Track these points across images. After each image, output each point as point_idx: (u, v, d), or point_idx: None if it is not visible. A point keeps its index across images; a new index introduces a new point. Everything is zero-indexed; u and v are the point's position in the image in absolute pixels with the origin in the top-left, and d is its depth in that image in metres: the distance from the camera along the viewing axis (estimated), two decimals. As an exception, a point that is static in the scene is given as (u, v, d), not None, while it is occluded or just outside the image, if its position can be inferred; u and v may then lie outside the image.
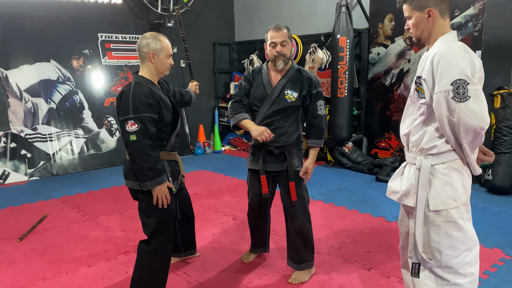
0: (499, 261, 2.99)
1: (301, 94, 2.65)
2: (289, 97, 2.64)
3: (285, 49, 2.62)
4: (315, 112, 2.69)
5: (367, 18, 5.85)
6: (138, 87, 2.27)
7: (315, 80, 2.69)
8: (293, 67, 2.71)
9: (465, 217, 1.81)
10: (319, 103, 2.68)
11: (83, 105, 5.98)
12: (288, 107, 2.65)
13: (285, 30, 2.63)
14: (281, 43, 2.60)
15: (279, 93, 2.65)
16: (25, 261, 3.11)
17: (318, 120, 2.69)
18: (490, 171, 4.54)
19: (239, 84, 2.82)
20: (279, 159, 2.71)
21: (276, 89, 2.66)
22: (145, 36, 2.36)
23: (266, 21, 7.21)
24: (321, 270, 2.90)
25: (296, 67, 2.72)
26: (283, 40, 2.60)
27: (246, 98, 2.77)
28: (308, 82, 2.67)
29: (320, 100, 2.69)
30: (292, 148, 2.71)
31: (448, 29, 1.81)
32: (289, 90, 2.65)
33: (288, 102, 2.64)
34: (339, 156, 5.76)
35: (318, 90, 2.69)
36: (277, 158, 2.72)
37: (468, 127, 1.64)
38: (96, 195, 4.72)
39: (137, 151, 2.21)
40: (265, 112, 2.69)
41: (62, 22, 5.82)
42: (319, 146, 2.74)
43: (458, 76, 1.64)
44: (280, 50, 2.60)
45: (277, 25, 2.64)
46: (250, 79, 2.78)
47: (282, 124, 2.67)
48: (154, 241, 2.35)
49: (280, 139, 2.67)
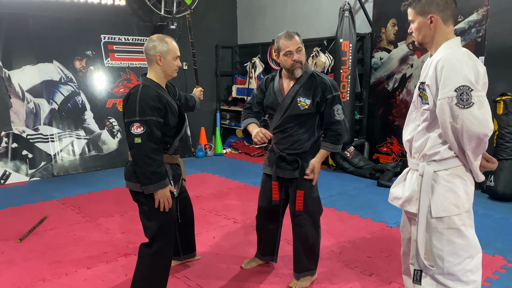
0: (501, 268, 2.98)
1: (314, 101, 2.56)
2: (302, 104, 2.56)
3: (301, 55, 2.56)
4: (333, 118, 2.57)
5: (370, 23, 5.85)
6: (145, 90, 2.27)
7: (330, 84, 2.58)
8: (307, 72, 2.61)
9: (467, 224, 1.80)
10: (336, 108, 2.56)
11: (85, 106, 5.98)
12: (302, 115, 2.58)
13: (296, 36, 2.55)
14: (297, 51, 2.54)
15: (291, 100, 2.59)
16: (24, 262, 3.11)
17: (336, 125, 2.57)
18: (492, 177, 4.52)
19: (253, 92, 2.81)
20: (292, 166, 2.65)
21: (288, 96, 2.60)
22: (151, 39, 2.36)
23: (269, 24, 7.22)
24: (322, 275, 2.88)
25: (310, 72, 2.62)
26: (298, 47, 2.54)
27: (257, 106, 2.76)
28: (322, 87, 2.56)
29: (337, 104, 2.57)
30: (307, 156, 2.63)
31: (452, 35, 1.80)
32: (302, 97, 2.56)
33: (301, 109, 2.57)
34: (341, 160, 5.75)
35: (335, 94, 2.57)
36: (290, 165, 2.66)
37: (471, 134, 1.63)
38: (96, 197, 4.71)
39: (141, 154, 2.21)
40: (278, 120, 2.64)
41: (65, 23, 5.83)
42: (332, 150, 2.61)
43: (462, 82, 1.63)
44: (296, 58, 2.54)
45: (288, 32, 2.55)
46: (263, 88, 2.77)
47: (296, 131, 2.61)
48: (155, 244, 2.34)
49: (293, 146, 2.62)
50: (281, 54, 2.57)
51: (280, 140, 2.67)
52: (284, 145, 2.65)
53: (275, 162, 2.69)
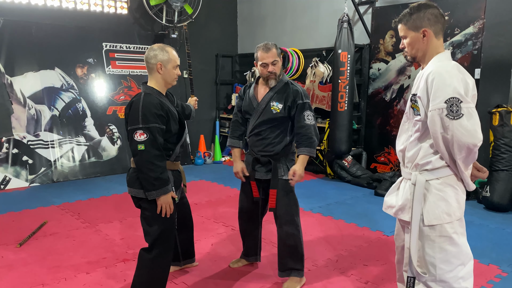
0: (495, 277, 3.01)
1: (285, 105, 2.73)
2: (274, 108, 2.74)
3: (276, 67, 2.73)
4: (302, 122, 2.72)
5: (368, 34, 5.93)
6: (148, 98, 2.32)
7: (302, 92, 2.75)
8: (282, 81, 2.80)
9: (459, 232, 1.85)
10: (306, 113, 2.72)
11: (85, 113, 6.04)
12: (274, 118, 2.76)
13: (274, 49, 2.71)
14: (272, 63, 2.71)
15: (265, 105, 2.77)
16: (24, 267, 3.13)
17: (306, 129, 2.72)
18: (488, 188, 4.56)
19: (236, 101, 2.99)
20: (266, 167, 2.83)
21: (263, 101, 2.78)
22: (152, 48, 2.42)
23: (269, 34, 7.31)
24: (318, 283, 2.92)
25: (285, 81, 2.81)
26: (273, 60, 2.71)
27: (239, 115, 2.98)
28: (294, 93, 2.74)
29: (307, 110, 2.73)
30: (280, 158, 2.80)
31: (441, 48, 1.87)
32: (275, 102, 2.75)
33: (274, 113, 2.75)
34: (339, 169, 5.79)
35: (306, 101, 2.74)
36: (264, 167, 2.83)
37: (461, 144, 1.69)
38: (96, 203, 4.74)
39: (144, 160, 2.26)
40: (253, 123, 2.84)
41: (67, 30, 5.91)
42: (309, 154, 2.73)
43: (451, 94, 1.69)
44: (271, 69, 2.72)
45: (266, 44, 2.72)
46: (241, 95, 2.99)
47: (269, 134, 2.79)
48: (155, 250, 2.38)
49: (266, 148, 2.80)
50: (258, 64, 2.75)
51: (254, 142, 2.85)
52: (258, 148, 2.83)
53: (251, 164, 2.87)
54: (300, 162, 2.73)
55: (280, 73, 2.78)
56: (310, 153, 2.73)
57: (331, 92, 5.77)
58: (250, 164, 2.88)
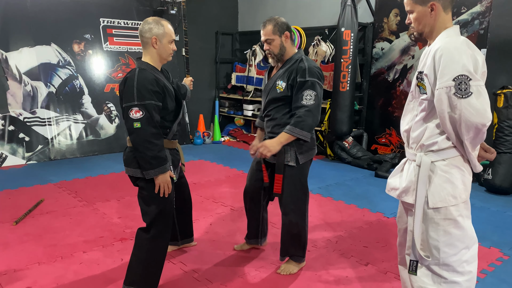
0: (497, 260, 2.99)
1: (288, 84, 2.55)
2: (279, 88, 2.59)
3: (271, 46, 2.57)
4: (299, 102, 2.47)
5: (372, 12, 5.79)
6: (142, 74, 2.24)
7: (307, 69, 2.49)
8: (293, 58, 2.59)
9: (464, 214, 1.79)
10: (306, 93, 2.46)
11: (83, 90, 5.94)
12: (279, 98, 2.60)
13: (270, 25, 2.55)
14: (266, 41, 2.59)
15: (272, 84, 2.64)
16: (20, 245, 3.10)
17: (300, 109, 2.47)
18: (490, 170, 4.52)
19: None
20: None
21: (271, 80, 2.66)
22: (147, 21, 2.32)
23: (270, 11, 7.14)
24: (318, 264, 2.89)
25: (297, 58, 2.59)
26: (267, 38, 2.57)
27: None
28: (298, 70, 2.51)
29: (308, 90, 2.46)
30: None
31: (450, 23, 1.77)
32: (280, 81, 2.59)
33: (278, 92, 2.60)
34: (339, 150, 5.74)
35: (309, 79, 2.47)
36: None
37: (469, 124, 1.62)
38: (93, 181, 4.70)
39: (141, 139, 2.19)
40: (264, 103, 2.73)
41: (64, 5, 5.75)
42: (290, 133, 2.46)
43: (460, 71, 1.61)
44: (266, 48, 2.61)
45: (265, 20, 2.60)
46: (265, 75, 2.86)
47: (275, 114, 2.65)
48: (153, 229, 2.34)
49: (274, 129, 2.65)
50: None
51: (266, 123, 2.75)
52: (268, 129, 2.72)
53: None
54: (277, 137, 2.49)
55: (281, 51, 2.58)
56: (293, 132, 2.45)
57: (333, 72, 5.67)
58: None
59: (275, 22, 2.56)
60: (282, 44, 2.58)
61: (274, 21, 2.57)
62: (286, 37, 2.58)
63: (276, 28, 2.56)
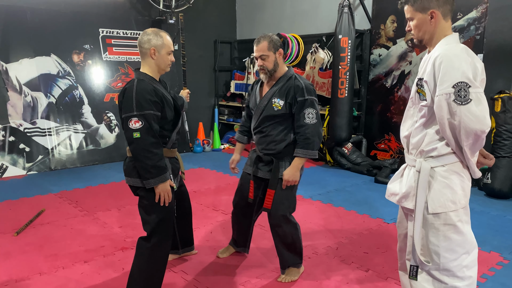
0: (497, 265, 2.99)
1: (286, 102, 2.58)
2: (276, 105, 2.61)
3: (265, 62, 2.59)
4: (302, 121, 2.55)
5: (369, 19, 5.84)
6: (141, 84, 2.26)
7: (304, 87, 2.56)
8: (286, 75, 2.64)
9: (464, 220, 1.81)
10: (307, 111, 2.54)
11: (82, 100, 5.96)
12: (276, 115, 2.62)
13: (265, 41, 2.57)
14: (261, 57, 2.60)
15: (267, 101, 2.65)
16: (21, 255, 3.10)
17: (305, 129, 2.55)
18: (489, 175, 4.53)
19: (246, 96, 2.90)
20: (268, 166, 2.71)
21: (265, 98, 2.66)
22: (146, 32, 2.35)
23: (268, 20, 7.20)
24: (319, 271, 2.89)
25: (290, 75, 2.64)
26: (261, 54, 2.58)
27: (247, 110, 2.90)
28: (295, 89, 2.57)
29: (309, 108, 2.55)
30: (284, 156, 2.66)
31: (450, 31, 1.80)
32: (276, 99, 2.61)
33: (275, 110, 2.61)
34: (338, 156, 5.75)
35: (307, 97, 2.55)
36: (267, 165, 2.72)
37: (469, 130, 1.64)
38: (94, 191, 4.70)
39: (140, 148, 2.20)
40: (256, 121, 2.73)
41: (63, 16, 5.80)
42: (303, 156, 2.57)
43: (460, 78, 1.63)
44: (259, 63, 2.62)
45: (259, 37, 2.61)
46: (249, 91, 2.90)
47: (271, 131, 2.66)
48: (154, 238, 2.34)
49: (269, 146, 2.68)
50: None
51: (258, 140, 2.75)
52: (261, 145, 2.72)
53: (254, 162, 2.78)
54: (293, 165, 2.59)
55: (275, 68, 2.61)
56: (305, 154, 2.57)
57: (331, 79, 5.70)
58: (253, 161, 2.79)
59: (269, 39, 2.59)
60: (276, 60, 2.62)
61: (268, 37, 2.59)
62: (280, 54, 2.63)
63: (271, 44, 2.58)
